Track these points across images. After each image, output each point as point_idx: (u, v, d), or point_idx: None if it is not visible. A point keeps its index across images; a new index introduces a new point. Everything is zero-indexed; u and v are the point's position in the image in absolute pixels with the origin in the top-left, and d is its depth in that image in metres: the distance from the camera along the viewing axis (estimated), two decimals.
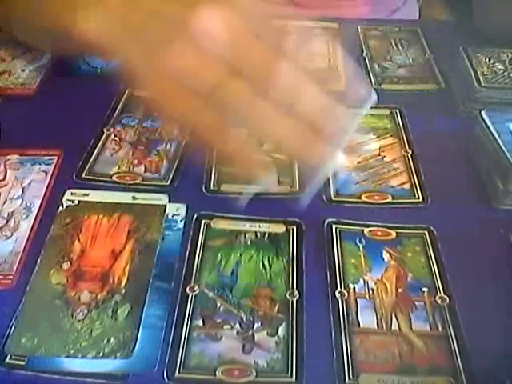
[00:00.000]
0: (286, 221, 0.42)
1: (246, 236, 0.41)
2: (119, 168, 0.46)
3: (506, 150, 0.43)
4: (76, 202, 0.43)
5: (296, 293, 0.37)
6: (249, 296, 0.37)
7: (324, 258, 0.40)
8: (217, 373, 0.33)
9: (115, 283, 0.37)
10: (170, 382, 0.33)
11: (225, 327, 0.35)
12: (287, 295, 0.37)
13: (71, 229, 0.41)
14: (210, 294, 0.37)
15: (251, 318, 0.36)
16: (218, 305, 0.37)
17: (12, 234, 0.41)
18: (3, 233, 0.41)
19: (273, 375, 0.33)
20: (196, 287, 0.38)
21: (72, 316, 0.35)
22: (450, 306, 0.37)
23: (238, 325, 0.35)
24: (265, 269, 0.39)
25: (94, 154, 0.48)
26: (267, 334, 0.35)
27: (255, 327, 0.35)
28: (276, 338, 0.35)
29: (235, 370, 0.33)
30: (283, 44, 0.36)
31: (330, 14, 0.69)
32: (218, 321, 0.36)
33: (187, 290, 0.37)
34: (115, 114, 0.52)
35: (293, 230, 0.41)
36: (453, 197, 0.45)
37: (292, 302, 0.37)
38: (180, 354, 0.34)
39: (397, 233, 0.42)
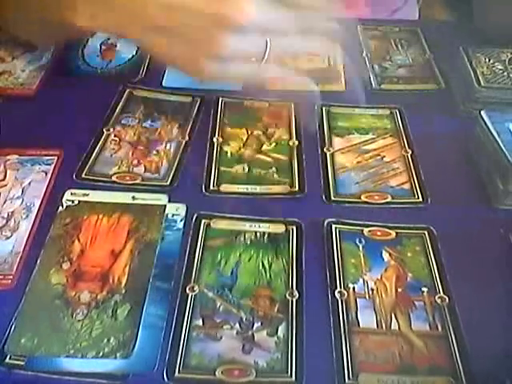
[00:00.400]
0: (286, 221, 0.42)
1: (246, 236, 0.41)
2: (119, 168, 0.46)
3: (505, 150, 0.43)
4: (76, 202, 0.43)
5: (296, 293, 0.37)
6: (248, 296, 0.37)
7: (324, 258, 0.40)
8: (217, 373, 0.33)
9: (115, 283, 0.37)
10: (170, 381, 0.33)
11: (225, 327, 0.35)
12: (287, 295, 0.37)
13: (71, 229, 0.41)
14: (210, 294, 0.37)
15: (251, 318, 0.36)
16: (218, 305, 0.37)
17: (12, 234, 0.41)
18: (3, 233, 0.41)
19: (273, 375, 0.33)
20: (196, 287, 0.38)
21: (72, 316, 0.35)
22: (450, 306, 0.37)
23: (237, 325, 0.35)
24: (264, 269, 0.39)
25: (94, 154, 0.48)
26: (267, 333, 0.35)
27: (255, 327, 0.35)
28: (276, 337, 0.35)
29: (235, 369, 0.33)
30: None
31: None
32: (218, 321, 0.36)
33: (187, 289, 0.37)
34: (115, 114, 0.52)
35: (293, 230, 0.41)
36: (453, 197, 0.45)
37: (292, 301, 0.37)
38: (180, 354, 0.34)
39: (397, 233, 0.42)
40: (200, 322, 0.36)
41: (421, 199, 0.45)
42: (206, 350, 0.34)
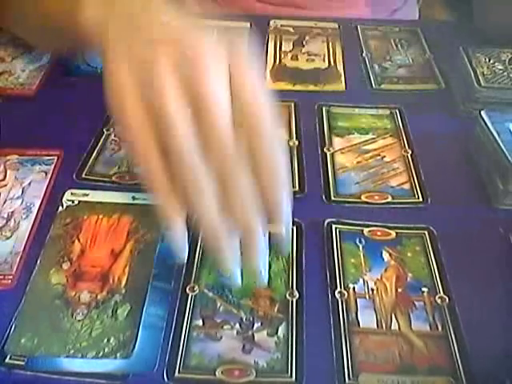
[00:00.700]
0: None
1: None
2: (119, 168, 0.46)
3: (505, 150, 0.43)
4: (76, 202, 0.43)
5: (296, 293, 0.37)
6: (249, 296, 0.37)
7: (324, 258, 0.40)
8: (217, 373, 0.33)
9: (115, 283, 0.37)
10: (170, 381, 0.33)
11: (225, 327, 0.35)
12: (287, 295, 0.37)
13: (71, 229, 0.41)
14: (210, 294, 0.37)
15: (251, 318, 0.36)
16: (218, 305, 0.37)
17: (12, 234, 0.41)
18: (3, 233, 0.41)
19: (273, 375, 0.33)
20: (196, 287, 0.38)
21: (72, 316, 0.35)
22: (450, 306, 0.37)
23: (237, 325, 0.35)
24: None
25: (94, 154, 0.48)
26: (267, 334, 0.35)
27: (255, 327, 0.35)
28: (276, 337, 0.35)
29: (235, 370, 0.33)
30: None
31: (330, 15, 0.69)
32: (218, 321, 0.36)
33: (187, 289, 0.37)
34: None
35: (293, 230, 0.41)
36: (453, 197, 0.45)
37: (292, 302, 0.37)
38: (180, 354, 0.34)
39: (397, 233, 0.42)
40: (200, 322, 0.36)
41: (421, 199, 0.45)
42: (206, 350, 0.34)
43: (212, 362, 0.34)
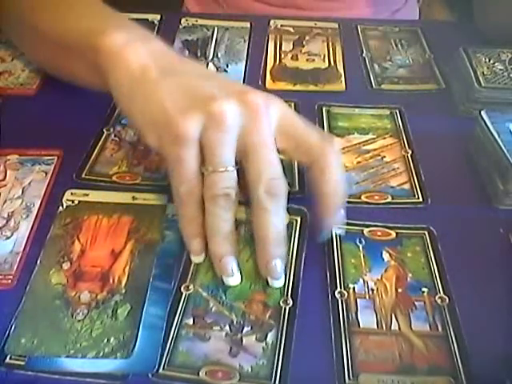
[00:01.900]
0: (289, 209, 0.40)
1: (246, 229, 0.40)
2: (119, 168, 0.46)
3: (505, 150, 0.43)
4: (76, 202, 0.43)
5: (290, 300, 0.37)
6: (242, 299, 0.37)
7: (324, 258, 0.40)
8: (200, 373, 0.33)
9: (115, 283, 0.37)
10: (153, 378, 0.33)
11: (214, 328, 0.35)
12: (281, 302, 0.37)
13: (71, 229, 0.41)
14: (204, 294, 0.37)
15: (241, 322, 0.35)
16: (211, 305, 0.36)
17: (12, 234, 0.41)
18: (3, 233, 0.41)
19: (256, 381, 0.33)
20: (191, 286, 0.37)
21: (72, 316, 0.35)
22: (450, 305, 0.37)
23: (227, 327, 0.35)
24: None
25: (94, 154, 0.48)
26: (256, 338, 0.35)
27: (244, 331, 0.35)
28: (264, 343, 0.34)
29: (219, 371, 0.33)
30: None
31: (330, 16, 0.69)
32: (209, 321, 0.35)
33: (182, 288, 0.37)
34: (115, 114, 0.52)
35: (296, 220, 0.41)
36: (453, 197, 0.45)
37: (285, 309, 0.36)
38: (166, 351, 0.34)
39: (397, 233, 0.42)
40: (191, 321, 0.36)
41: (421, 199, 0.45)
42: (194, 349, 0.34)
43: (197, 361, 0.33)
